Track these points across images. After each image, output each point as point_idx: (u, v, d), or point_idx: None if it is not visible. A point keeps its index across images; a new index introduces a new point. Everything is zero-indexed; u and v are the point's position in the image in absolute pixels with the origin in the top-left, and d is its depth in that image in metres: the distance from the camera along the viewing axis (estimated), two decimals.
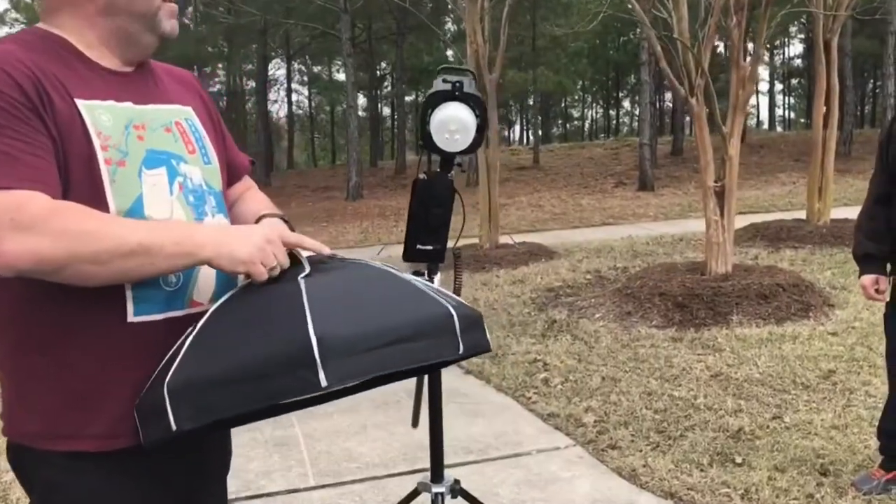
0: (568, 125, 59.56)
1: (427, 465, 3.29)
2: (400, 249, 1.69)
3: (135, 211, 1.17)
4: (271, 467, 3.39)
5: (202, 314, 1.15)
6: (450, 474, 2.09)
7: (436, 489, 1.86)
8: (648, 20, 6.24)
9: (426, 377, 2.08)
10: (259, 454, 3.55)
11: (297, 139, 46.06)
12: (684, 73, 5.78)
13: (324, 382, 0.97)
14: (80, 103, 1.16)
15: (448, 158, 1.53)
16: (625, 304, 5.68)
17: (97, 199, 1.14)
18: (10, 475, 3.16)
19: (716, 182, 5.81)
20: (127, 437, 1.16)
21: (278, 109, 42.08)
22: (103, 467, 1.19)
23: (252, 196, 1.49)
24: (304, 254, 1.19)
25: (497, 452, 3.49)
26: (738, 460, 3.18)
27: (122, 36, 1.23)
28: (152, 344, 1.17)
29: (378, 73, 35.74)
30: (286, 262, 1.16)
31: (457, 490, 1.90)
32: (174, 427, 1.02)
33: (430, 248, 1.54)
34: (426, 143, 1.50)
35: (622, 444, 3.43)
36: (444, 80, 1.48)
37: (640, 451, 3.35)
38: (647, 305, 5.50)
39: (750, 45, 12.53)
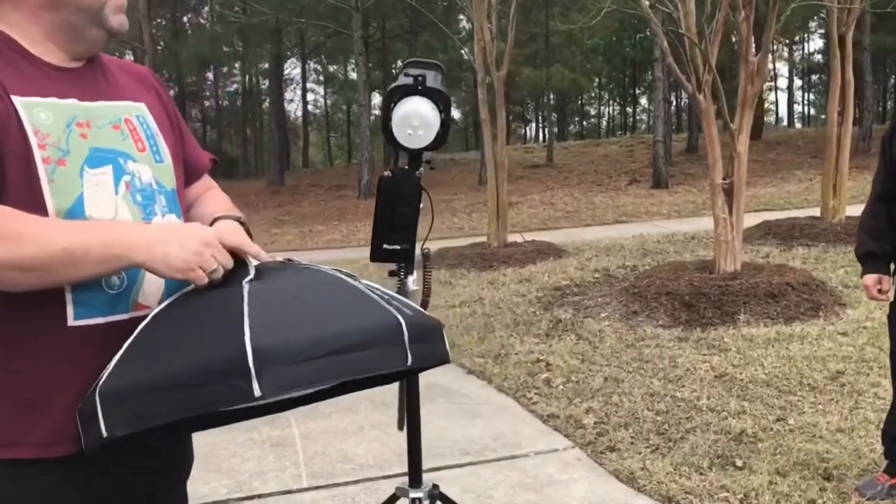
0: (585, 123, 59.29)
1: (423, 466, 3.27)
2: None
3: (75, 211, 1.13)
4: (266, 468, 3.37)
5: (143, 316, 1.11)
6: (429, 479, 2.05)
7: (413, 494, 1.81)
8: (657, 15, 6.15)
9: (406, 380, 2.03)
10: (255, 454, 3.52)
11: (313, 138, 46.23)
12: (692, 70, 5.69)
13: (257, 392, 0.93)
14: (17, 100, 1.11)
15: (415, 155, 1.49)
16: (631, 303, 5.60)
17: (34, 199, 1.10)
18: None
19: (724, 179, 5.71)
20: (70, 443, 1.11)
21: (294, 109, 42.25)
22: (49, 473, 1.14)
23: (211, 197, 1.45)
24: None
25: (494, 454, 3.44)
26: (739, 463, 3.11)
27: (67, 30, 1.19)
28: (96, 348, 1.12)
29: (393, 71, 35.74)
30: (229, 263, 1.12)
31: (435, 495, 1.85)
32: (104, 433, 0.98)
33: (397, 247, 1.49)
34: (388, 138, 1.45)
35: (621, 447, 3.37)
36: (406, 74, 1.44)
37: (640, 453, 3.29)
38: (654, 305, 5.42)
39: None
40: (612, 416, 3.72)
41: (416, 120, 1.40)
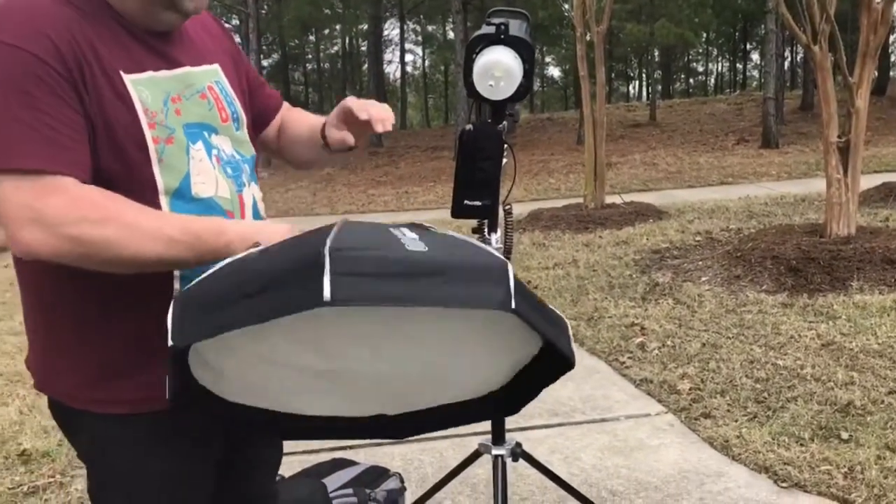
0: (691, 80, 56.93)
1: (510, 426, 3.27)
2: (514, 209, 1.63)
3: (183, 189, 1.15)
4: None
5: None
6: (516, 438, 2.04)
7: (496, 451, 1.81)
8: None
9: None
10: None
11: (411, 99, 46.43)
12: (807, 19, 5.32)
13: (326, 294, 0.85)
14: (127, 78, 1.11)
15: (497, 108, 1.45)
16: (734, 267, 5.38)
17: (144, 179, 1.12)
18: None
19: (839, 137, 5.35)
20: (164, 400, 1.15)
21: (393, 70, 42.49)
22: (140, 428, 1.20)
23: (298, 114, 1.47)
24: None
25: (583, 416, 3.41)
26: (845, 436, 2.95)
27: (144, 12, 1.16)
28: None
29: None
30: None
31: (518, 453, 1.84)
32: (170, 342, 0.96)
33: (478, 203, 1.46)
34: (469, 91, 1.41)
35: (717, 414, 3.27)
36: (488, 23, 1.39)
37: (736, 421, 3.18)
38: (758, 269, 5.18)
39: None
40: (709, 382, 3.60)
41: (498, 70, 1.35)
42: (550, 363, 1.12)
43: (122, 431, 1.20)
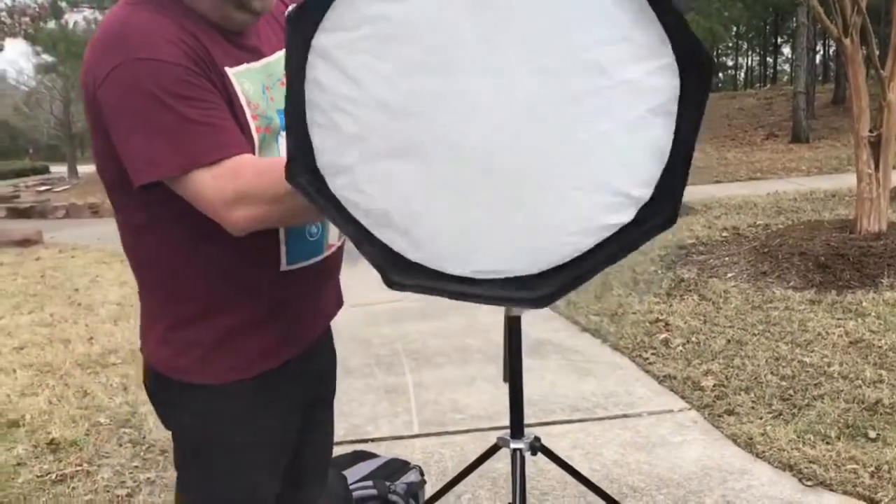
0: (721, 74, 56.26)
1: (531, 420, 3.27)
2: None
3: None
4: (379, 413, 3.48)
5: (332, 254, 1.38)
6: (539, 432, 2.04)
7: (514, 445, 1.81)
8: None
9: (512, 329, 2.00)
10: (369, 400, 3.64)
11: None
12: (838, 11, 5.22)
13: None
14: (230, 72, 1.18)
15: None
16: (760, 263, 5.32)
17: None
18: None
19: (871, 131, 5.25)
20: (272, 361, 1.33)
21: None
22: (248, 390, 1.32)
23: None
24: None
25: (605, 412, 3.39)
26: (872, 435, 2.91)
27: (220, 14, 1.21)
28: (299, 285, 1.34)
29: None
30: None
31: (536, 447, 1.84)
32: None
33: None
34: None
35: (741, 411, 3.23)
36: None
37: (761, 418, 3.14)
38: (786, 265, 5.11)
39: None
40: (733, 379, 3.57)
41: None
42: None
43: (233, 396, 1.32)
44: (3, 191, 23.30)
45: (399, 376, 3.96)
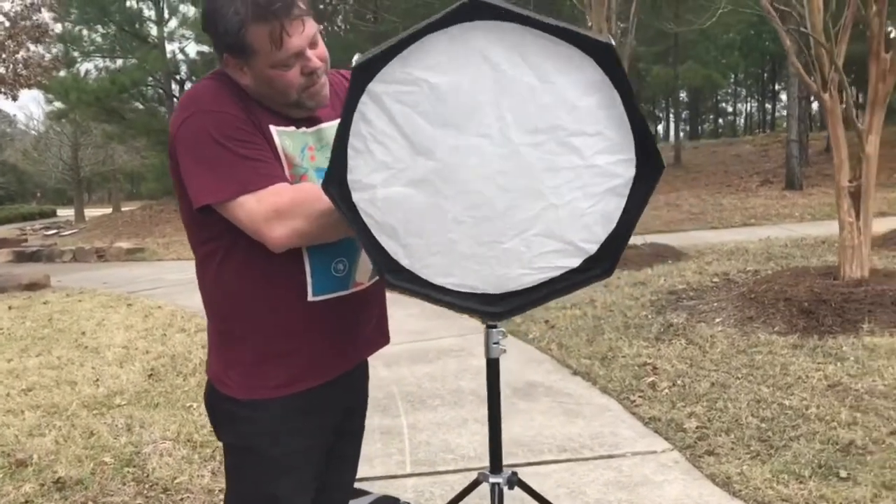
0: (721, 120, 56.95)
1: (519, 461, 3.41)
2: None
3: None
4: (374, 454, 3.61)
5: (364, 291, 1.58)
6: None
7: (493, 479, 1.96)
8: (780, 13, 5.96)
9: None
10: (365, 440, 3.75)
11: None
12: (816, 68, 5.48)
13: None
14: (273, 129, 1.46)
15: None
16: (747, 308, 5.48)
17: None
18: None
19: (850, 182, 5.46)
20: (305, 382, 1.55)
21: None
22: (286, 406, 1.55)
23: None
24: None
25: (591, 453, 3.52)
26: (843, 474, 3.04)
27: (283, 111, 1.50)
28: (326, 315, 1.55)
29: None
30: None
31: (513, 481, 1.98)
32: None
33: None
34: None
35: (721, 451, 3.37)
36: None
37: (739, 458, 3.28)
38: (771, 311, 5.27)
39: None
40: (715, 420, 3.70)
41: None
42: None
43: (266, 412, 1.53)
44: (10, 234, 23.56)
45: (394, 418, 4.10)
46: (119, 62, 25.50)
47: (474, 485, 2.15)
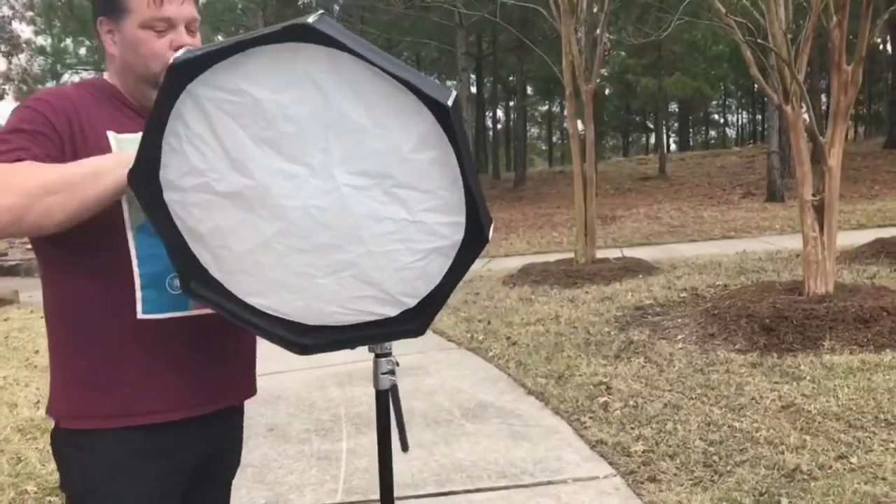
0: (711, 132, 57.18)
1: (456, 487, 3.28)
2: (506, 263, 1.66)
3: (147, 226, 1.34)
4: (306, 481, 3.47)
5: (217, 320, 1.36)
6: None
7: None
8: (742, 26, 5.89)
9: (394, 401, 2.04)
10: (300, 467, 3.64)
11: None
12: (778, 80, 5.40)
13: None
14: (111, 135, 1.40)
15: None
16: (710, 325, 5.37)
17: (113, 215, 1.35)
18: None
19: (814, 195, 5.37)
20: (142, 417, 1.39)
21: None
22: (123, 442, 1.38)
23: None
24: None
25: (531, 479, 3.39)
26: (784, 502, 2.92)
27: (138, 90, 1.46)
28: (160, 337, 1.40)
29: (512, 83, 35.85)
30: None
31: None
32: None
33: None
34: None
35: (664, 478, 3.24)
36: None
37: (682, 485, 3.15)
38: (732, 327, 5.17)
39: None
40: (662, 444, 3.58)
41: None
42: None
43: (99, 447, 1.38)
44: None
45: (335, 442, 3.97)
46: (105, 75, 25.40)
47: None
